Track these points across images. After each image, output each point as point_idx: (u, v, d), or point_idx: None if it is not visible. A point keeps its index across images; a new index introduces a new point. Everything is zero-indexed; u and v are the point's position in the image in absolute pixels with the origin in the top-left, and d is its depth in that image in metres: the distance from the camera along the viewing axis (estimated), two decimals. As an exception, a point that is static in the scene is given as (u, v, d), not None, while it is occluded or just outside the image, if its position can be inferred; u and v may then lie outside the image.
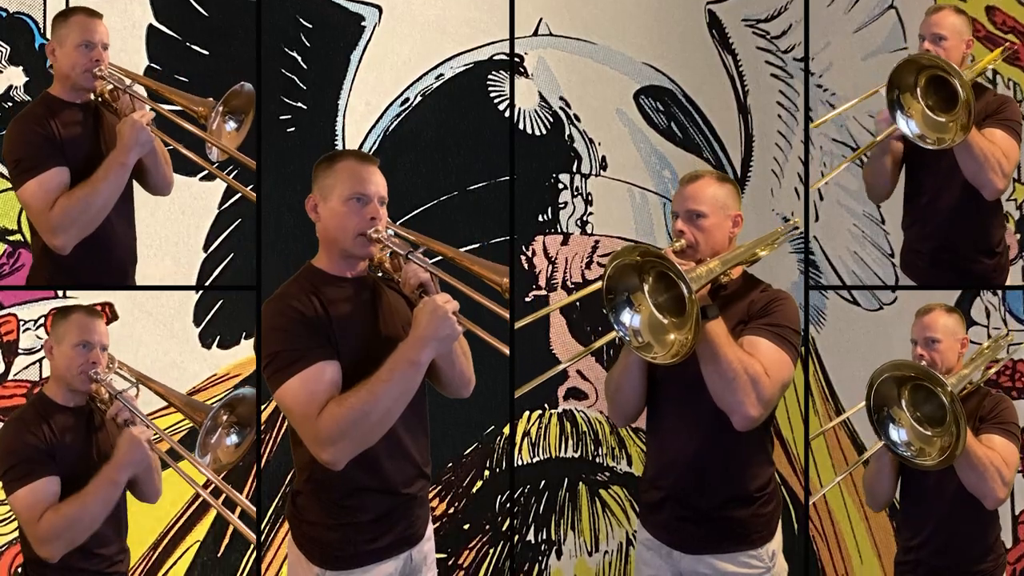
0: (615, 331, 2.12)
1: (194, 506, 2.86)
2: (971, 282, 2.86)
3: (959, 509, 2.46)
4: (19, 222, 2.79)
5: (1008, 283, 2.97)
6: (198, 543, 2.87)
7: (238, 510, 2.42)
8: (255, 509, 2.81)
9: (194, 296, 2.90)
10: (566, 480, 3.04)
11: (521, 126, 3.03)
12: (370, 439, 2.03)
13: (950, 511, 2.49)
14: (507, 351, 2.04)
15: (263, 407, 2.86)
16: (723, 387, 2.10)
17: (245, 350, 2.91)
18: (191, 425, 2.87)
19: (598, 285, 2.11)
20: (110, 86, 2.56)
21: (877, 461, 2.58)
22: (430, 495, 2.56)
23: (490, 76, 3.02)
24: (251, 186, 2.77)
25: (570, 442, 3.04)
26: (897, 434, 2.32)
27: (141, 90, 2.58)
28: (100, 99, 2.59)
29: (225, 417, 2.50)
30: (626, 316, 2.11)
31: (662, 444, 2.34)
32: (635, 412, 2.36)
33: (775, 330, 2.17)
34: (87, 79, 2.55)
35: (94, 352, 2.45)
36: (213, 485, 2.46)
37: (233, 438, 2.51)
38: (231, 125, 2.64)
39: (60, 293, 2.80)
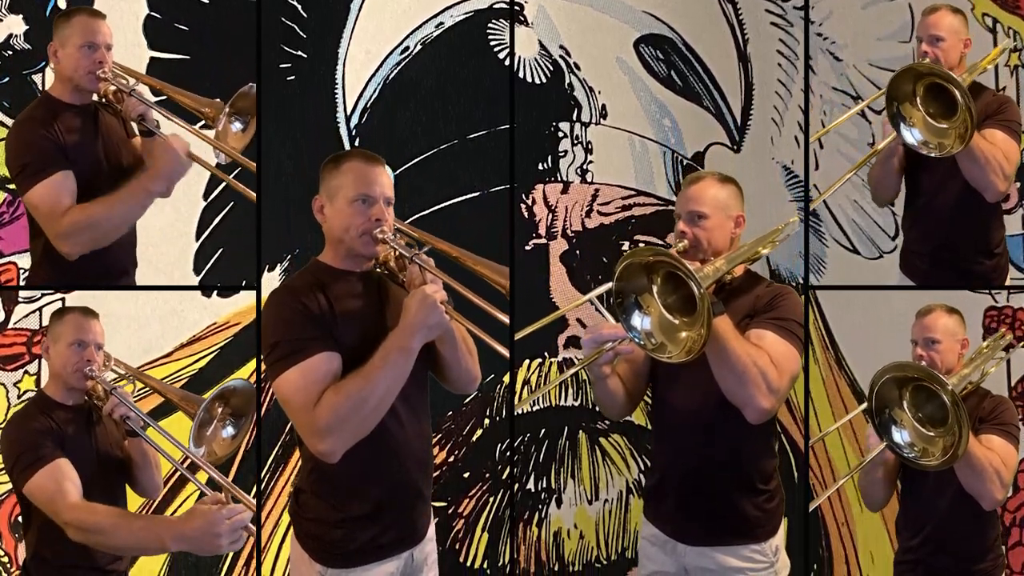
0: (628, 335, 2.13)
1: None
2: (971, 282, 2.85)
3: (958, 509, 2.47)
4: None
5: (1009, 232, 2.98)
6: (197, 493, 2.87)
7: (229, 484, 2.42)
8: (255, 503, 2.80)
9: (194, 244, 2.90)
10: (566, 428, 3.04)
11: (521, 74, 3.03)
12: (365, 428, 2.04)
13: (949, 511, 2.49)
14: (507, 353, 2.08)
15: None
16: (734, 381, 2.12)
17: (245, 298, 2.91)
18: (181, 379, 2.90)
19: (608, 286, 2.13)
20: (113, 87, 2.53)
21: (870, 471, 2.58)
22: (432, 442, 2.57)
23: (490, 24, 3.02)
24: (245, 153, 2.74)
25: (570, 391, 3.04)
26: (900, 436, 2.32)
27: (144, 90, 2.56)
28: (103, 100, 2.56)
29: (219, 409, 2.50)
30: (636, 319, 2.12)
31: (667, 435, 2.36)
32: (628, 412, 2.42)
33: (781, 323, 2.19)
34: (90, 81, 2.52)
35: (89, 351, 2.46)
36: (189, 460, 2.48)
37: (229, 430, 2.52)
38: (237, 126, 2.63)
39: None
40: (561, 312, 2.69)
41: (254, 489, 2.87)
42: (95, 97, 2.57)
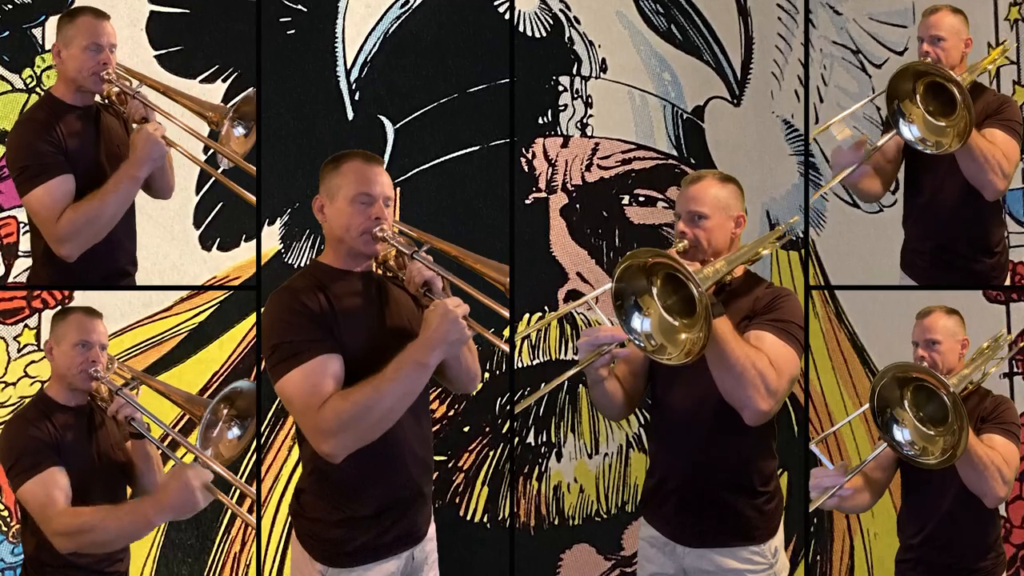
0: (628, 337, 2.12)
1: (184, 421, 2.85)
2: (971, 282, 2.85)
3: (960, 507, 2.47)
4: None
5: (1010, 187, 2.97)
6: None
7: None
8: (255, 492, 2.81)
9: (194, 198, 2.90)
10: (566, 382, 3.03)
11: (521, 28, 3.02)
12: (371, 435, 2.04)
13: (951, 509, 2.50)
14: (507, 348, 2.11)
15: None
16: (732, 383, 2.11)
17: (245, 252, 2.92)
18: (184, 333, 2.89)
19: (607, 287, 2.13)
20: (117, 88, 2.53)
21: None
22: (431, 397, 2.57)
23: (490, -23, 3.03)
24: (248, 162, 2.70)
25: (570, 344, 3.04)
26: (901, 434, 2.31)
27: (147, 92, 2.55)
28: (107, 100, 2.55)
29: (225, 411, 2.49)
30: (636, 321, 2.11)
31: (667, 436, 2.36)
32: (627, 413, 2.42)
33: (780, 325, 2.19)
34: (95, 82, 2.51)
35: (93, 351, 2.46)
36: (171, 438, 2.53)
37: (235, 431, 2.51)
38: (239, 131, 2.63)
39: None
40: (558, 314, 2.67)
41: (254, 443, 2.87)
42: (97, 98, 2.57)
